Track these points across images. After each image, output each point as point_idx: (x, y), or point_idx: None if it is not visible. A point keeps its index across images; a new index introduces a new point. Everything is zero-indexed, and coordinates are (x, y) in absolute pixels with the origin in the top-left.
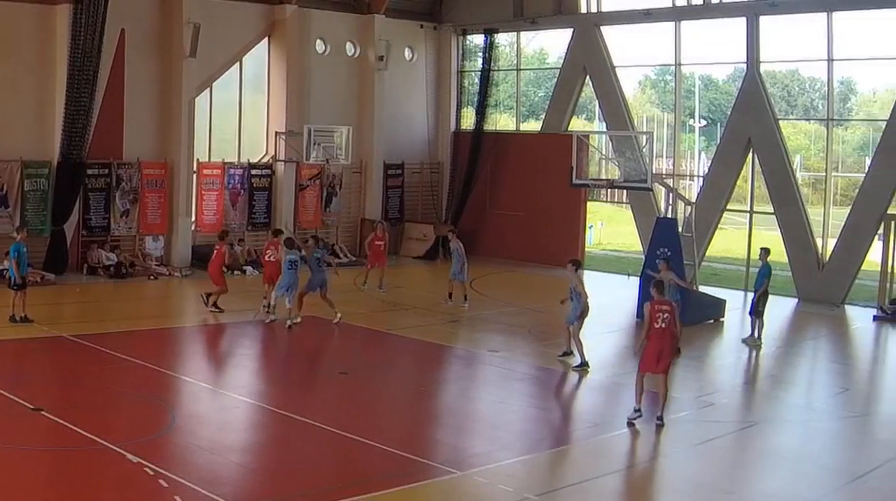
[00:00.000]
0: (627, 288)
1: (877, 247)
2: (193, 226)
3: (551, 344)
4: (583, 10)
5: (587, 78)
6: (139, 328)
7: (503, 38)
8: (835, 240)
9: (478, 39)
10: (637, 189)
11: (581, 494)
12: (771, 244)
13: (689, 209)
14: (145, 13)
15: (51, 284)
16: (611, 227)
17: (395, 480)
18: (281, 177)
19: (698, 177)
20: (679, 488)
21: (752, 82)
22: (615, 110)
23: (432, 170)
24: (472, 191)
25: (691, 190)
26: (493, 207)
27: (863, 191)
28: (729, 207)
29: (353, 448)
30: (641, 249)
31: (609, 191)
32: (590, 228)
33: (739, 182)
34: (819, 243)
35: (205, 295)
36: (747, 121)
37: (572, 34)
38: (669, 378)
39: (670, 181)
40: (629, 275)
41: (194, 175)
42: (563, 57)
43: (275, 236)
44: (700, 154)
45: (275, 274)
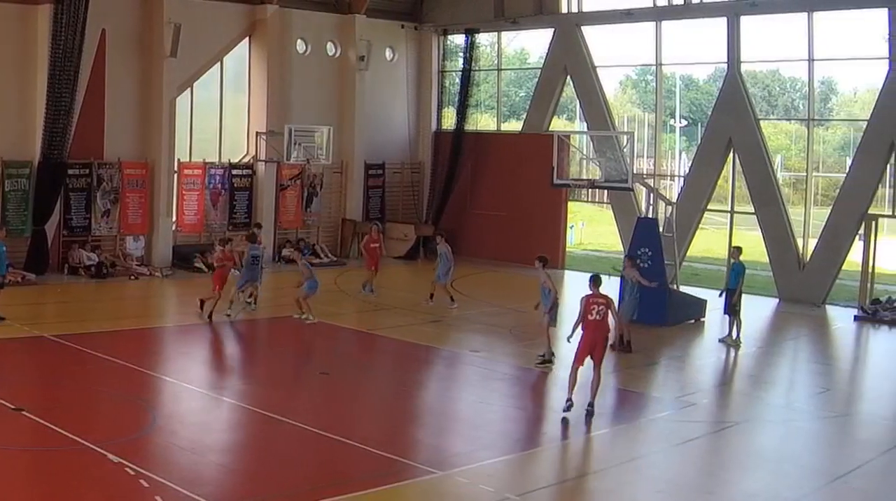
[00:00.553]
0: (608, 287)
1: (857, 246)
2: (174, 226)
3: (532, 345)
4: (563, 10)
5: (568, 78)
6: (120, 328)
7: (484, 38)
8: (815, 240)
9: (459, 39)
10: (618, 189)
11: (562, 494)
12: (751, 244)
13: (670, 209)
14: (126, 13)
15: (32, 284)
16: (592, 227)
17: (375, 480)
18: (262, 177)
19: (679, 177)
20: (660, 488)
21: (732, 82)
22: (596, 110)
23: (413, 170)
24: (452, 191)
25: (672, 190)
26: (473, 207)
27: (843, 190)
28: (710, 207)
29: (334, 448)
30: (622, 249)
31: (590, 191)
32: (571, 228)
33: (720, 182)
34: (800, 243)
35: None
36: (728, 121)
37: (553, 34)
38: (604, 369)
39: (651, 181)
40: (610, 275)
41: (175, 175)
42: (544, 57)
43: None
44: (681, 154)
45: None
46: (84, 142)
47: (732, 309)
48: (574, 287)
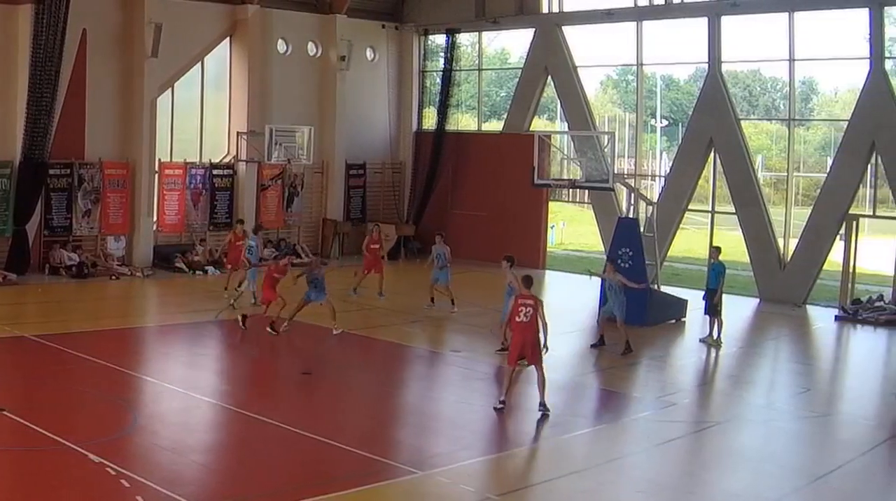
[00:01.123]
0: (589, 288)
1: (838, 247)
2: (155, 226)
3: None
4: (544, 10)
5: (549, 78)
6: (101, 328)
7: (465, 38)
8: (796, 240)
9: (439, 39)
10: (599, 189)
11: (543, 494)
12: (732, 244)
13: (651, 209)
14: (107, 13)
15: (12, 284)
16: (572, 227)
17: (356, 480)
18: (242, 177)
19: (660, 177)
20: (641, 488)
21: (713, 82)
22: (577, 110)
23: (394, 170)
24: (433, 191)
25: (653, 190)
26: (454, 207)
27: (824, 191)
28: (690, 207)
29: (315, 448)
30: (603, 249)
31: (571, 191)
32: (551, 228)
33: (701, 182)
34: (780, 243)
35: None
36: (709, 121)
37: (534, 34)
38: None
39: (632, 181)
40: (591, 275)
41: (156, 175)
42: (525, 57)
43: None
44: (661, 154)
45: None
46: (65, 142)
47: (713, 310)
48: (555, 287)
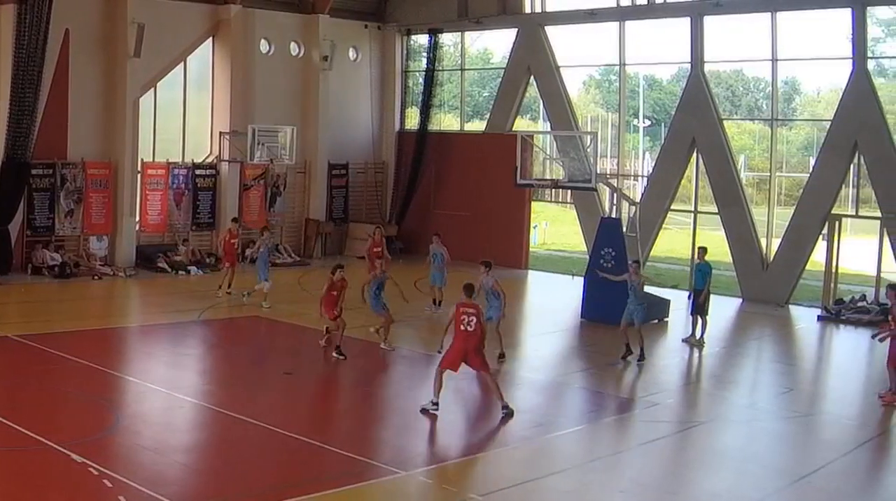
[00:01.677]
0: (572, 288)
1: (821, 247)
2: (137, 226)
3: (496, 345)
4: (527, 10)
5: (531, 78)
6: (84, 328)
7: (447, 38)
8: (779, 240)
9: (422, 39)
10: (581, 189)
11: (525, 494)
12: (715, 244)
13: (634, 209)
14: (90, 13)
15: None
16: (555, 227)
17: (339, 480)
18: (225, 176)
19: (642, 177)
20: (624, 488)
21: (696, 82)
22: (559, 110)
23: (377, 170)
24: (416, 191)
25: (635, 190)
26: (437, 207)
27: (807, 190)
28: (673, 207)
29: (298, 448)
30: (586, 249)
31: (553, 191)
32: (534, 228)
33: (684, 182)
34: (763, 243)
35: (333, 347)
36: (691, 121)
37: (517, 34)
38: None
39: (614, 181)
40: (573, 275)
41: (138, 175)
42: (508, 57)
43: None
44: (644, 154)
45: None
46: (47, 142)
47: (700, 309)
48: (537, 287)
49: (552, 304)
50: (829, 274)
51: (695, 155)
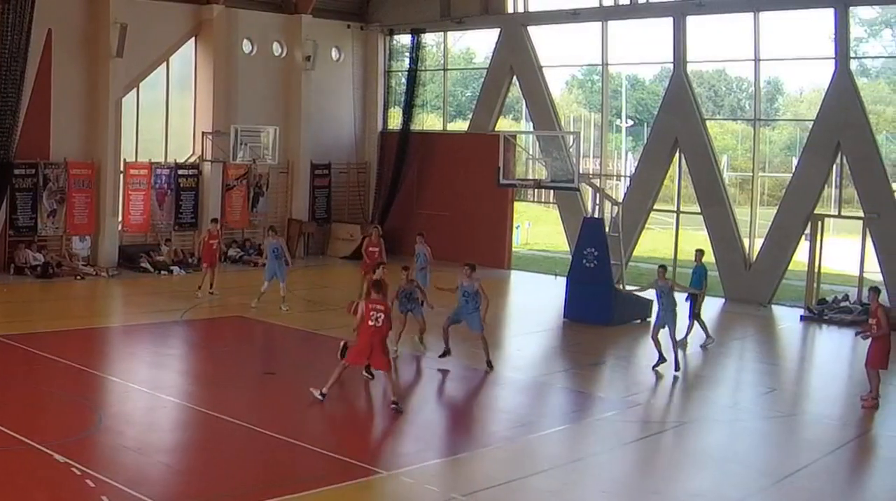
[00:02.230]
0: (554, 289)
1: (804, 246)
2: (120, 226)
3: (478, 344)
4: (510, 10)
5: (514, 78)
6: (66, 328)
7: (430, 38)
8: (762, 240)
9: (405, 39)
10: (564, 189)
11: (507, 494)
12: (698, 244)
13: (616, 209)
14: (72, 13)
15: None
16: (537, 227)
17: (321, 480)
18: (208, 177)
19: (625, 177)
20: (606, 488)
21: (678, 82)
22: (542, 110)
23: (359, 170)
24: (399, 191)
25: (618, 190)
26: (419, 207)
27: (790, 191)
28: (656, 207)
29: (280, 448)
30: (568, 249)
31: (536, 191)
32: (517, 228)
33: (666, 182)
34: (746, 243)
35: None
36: (674, 121)
37: (499, 34)
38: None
39: (597, 181)
40: (556, 275)
41: (121, 175)
42: (490, 57)
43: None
44: (627, 154)
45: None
46: (30, 142)
47: (696, 312)
48: (520, 287)
49: (535, 304)
50: (812, 274)
51: (677, 155)
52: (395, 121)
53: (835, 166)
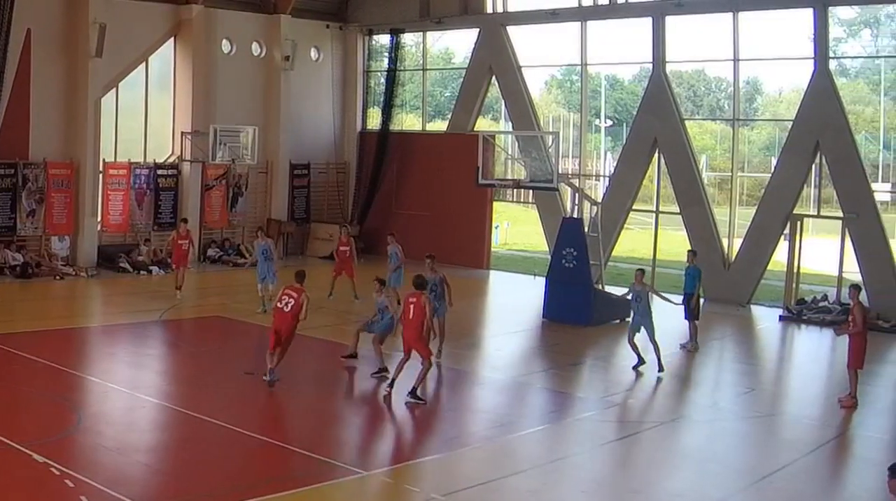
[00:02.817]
0: (533, 289)
1: (783, 247)
2: (99, 227)
3: (458, 345)
4: (489, 10)
5: (493, 78)
6: (45, 328)
7: (409, 39)
8: (741, 240)
9: (384, 39)
10: (543, 189)
11: (487, 494)
12: (677, 244)
13: (595, 209)
14: (51, 13)
15: None
16: (516, 227)
17: (301, 480)
18: (187, 177)
19: (604, 177)
20: (585, 488)
21: (657, 82)
22: (521, 110)
23: (338, 170)
24: (378, 191)
25: (597, 190)
26: (399, 207)
27: (769, 191)
28: (635, 207)
29: (259, 448)
30: (547, 249)
31: (515, 191)
32: (496, 228)
33: (645, 182)
34: (725, 243)
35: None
36: (653, 121)
37: (478, 34)
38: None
39: (576, 181)
40: (535, 275)
41: (100, 175)
42: (469, 57)
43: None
44: (606, 154)
45: None
46: (9, 142)
47: (693, 314)
48: (499, 287)
49: (514, 304)
50: (791, 274)
51: (656, 155)
52: (374, 121)
53: (814, 166)
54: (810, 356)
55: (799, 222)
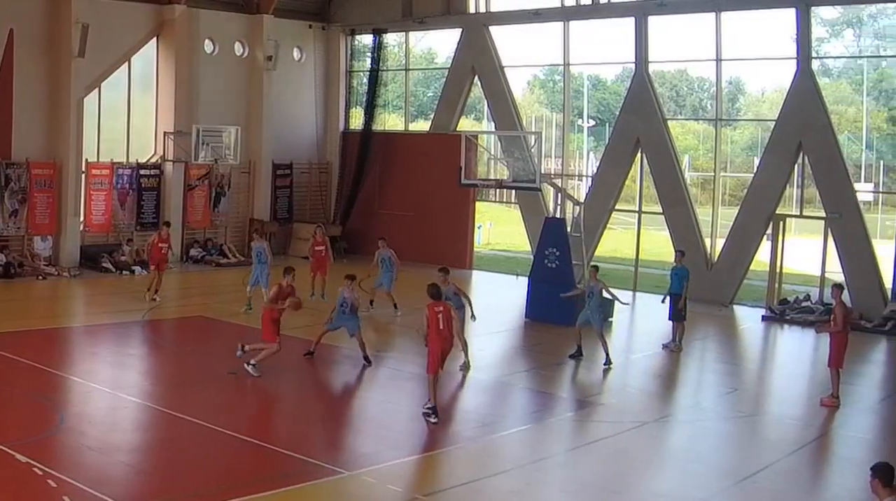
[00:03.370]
0: (516, 289)
1: (765, 247)
2: (82, 227)
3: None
4: (471, 10)
5: (476, 78)
6: (28, 328)
7: (392, 38)
8: (723, 240)
9: (366, 39)
10: (526, 189)
11: (470, 494)
12: (659, 244)
13: (578, 209)
14: (34, 13)
15: None
16: (499, 227)
17: (283, 480)
18: (169, 177)
19: (587, 177)
20: (567, 488)
21: (640, 82)
22: (504, 110)
23: (321, 170)
24: (360, 190)
25: (580, 190)
26: (381, 207)
27: (751, 191)
28: (617, 207)
29: (242, 448)
30: (530, 249)
31: (498, 191)
32: (478, 228)
33: (628, 182)
34: (707, 243)
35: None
36: (636, 121)
37: (461, 34)
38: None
39: (559, 181)
40: (518, 275)
41: (83, 175)
42: (452, 57)
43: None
44: (589, 154)
45: None
46: None
47: (678, 315)
48: (482, 287)
49: (496, 304)
50: (774, 274)
51: (639, 155)
52: (356, 121)
53: (796, 166)
54: (793, 356)
55: (781, 222)
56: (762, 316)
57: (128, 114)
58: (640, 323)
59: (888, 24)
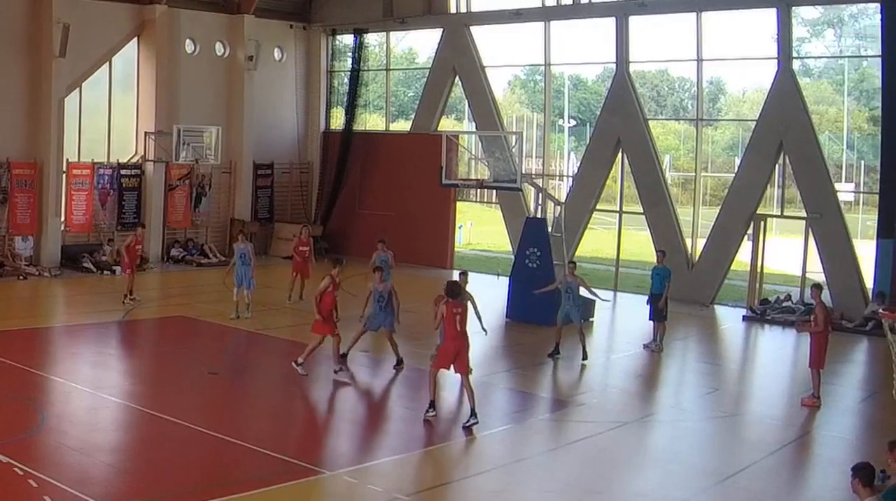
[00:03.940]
0: (497, 289)
1: (746, 247)
2: (63, 226)
3: (420, 344)
4: (452, 10)
5: (457, 78)
6: (9, 328)
7: (373, 38)
8: (704, 240)
9: (347, 39)
10: (506, 189)
11: (451, 494)
12: (640, 244)
13: (559, 209)
14: (14, 13)
15: None
16: (480, 227)
17: (264, 480)
18: (150, 177)
19: (568, 177)
20: (549, 487)
21: (621, 82)
22: (485, 110)
23: (302, 170)
24: (341, 191)
25: (561, 190)
26: (362, 207)
27: (732, 191)
28: (598, 207)
29: (223, 448)
30: (511, 249)
31: (478, 191)
32: (459, 228)
33: (609, 182)
34: (688, 243)
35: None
36: (616, 121)
37: (442, 34)
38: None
39: (540, 181)
40: (498, 276)
41: (64, 175)
42: (433, 57)
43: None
44: (569, 154)
45: None
46: None
47: (659, 315)
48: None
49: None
50: (755, 274)
51: (620, 155)
52: (337, 121)
53: (777, 166)
54: (773, 356)
55: (762, 222)
56: (743, 316)
57: (108, 114)
58: (620, 323)
59: (869, 24)
